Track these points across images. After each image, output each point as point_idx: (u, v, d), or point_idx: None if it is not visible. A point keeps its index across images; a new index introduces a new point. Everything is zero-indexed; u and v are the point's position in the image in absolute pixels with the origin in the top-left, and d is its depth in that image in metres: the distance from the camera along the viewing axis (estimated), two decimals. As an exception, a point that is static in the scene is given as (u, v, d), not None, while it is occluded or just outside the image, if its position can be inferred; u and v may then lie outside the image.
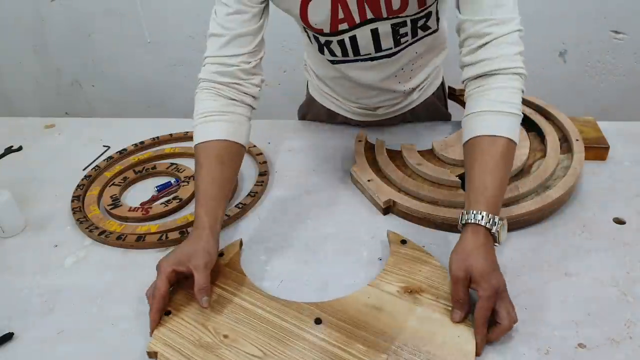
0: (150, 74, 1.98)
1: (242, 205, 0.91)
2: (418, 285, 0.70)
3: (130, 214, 0.91)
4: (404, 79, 0.99)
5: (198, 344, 0.64)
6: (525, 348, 0.63)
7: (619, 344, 0.63)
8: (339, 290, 0.72)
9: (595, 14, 1.61)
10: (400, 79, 0.98)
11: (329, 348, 0.62)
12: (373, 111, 1.08)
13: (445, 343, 0.62)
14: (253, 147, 1.09)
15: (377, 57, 0.90)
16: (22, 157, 1.15)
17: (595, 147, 0.96)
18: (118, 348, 0.67)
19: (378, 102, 1.04)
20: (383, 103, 1.05)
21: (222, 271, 0.75)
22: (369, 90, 1.00)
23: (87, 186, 1.00)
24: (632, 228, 0.81)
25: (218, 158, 0.78)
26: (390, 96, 1.03)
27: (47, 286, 0.78)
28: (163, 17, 1.83)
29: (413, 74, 1.00)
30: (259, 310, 0.68)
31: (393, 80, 0.98)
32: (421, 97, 1.09)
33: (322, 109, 1.15)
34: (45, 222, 0.92)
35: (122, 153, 1.10)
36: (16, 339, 0.69)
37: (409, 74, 0.98)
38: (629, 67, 1.70)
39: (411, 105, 1.09)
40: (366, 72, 0.94)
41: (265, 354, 0.62)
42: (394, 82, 0.98)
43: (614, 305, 0.68)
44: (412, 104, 1.09)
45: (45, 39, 1.97)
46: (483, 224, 0.67)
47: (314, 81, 1.12)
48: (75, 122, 1.29)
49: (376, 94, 1.02)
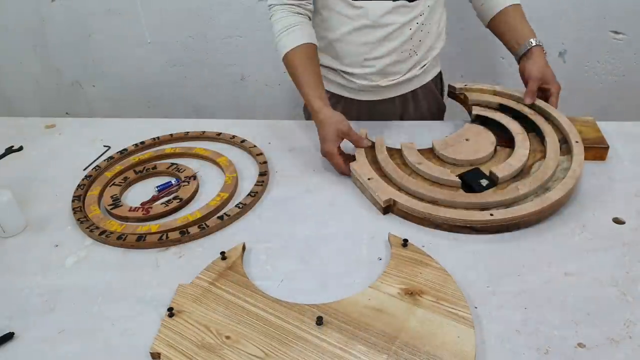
0: (150, 74, 1.98)
1: (242, 205, 0.91)
2: (419, 287, 0.71)
3: (131, 214, 0.91)
4: (415, 37, 1.08)
5: (200, 345, 0.64)
6: (525, 348, 0.63)
7: (618, 344, 0.63)
8: (339, 290, 0.73)
9: (595, 14, 1.61)
10: (412, 35, 1.08)
11: (330, 349, 0.63)
12: (378, 79, 1.12)
13: (445, 344, 0.62)
14: (253, 147, 1.09)
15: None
16: (22, 157, 1.15)
17: (594, 147, 0.96)
18: (118, 348, 0.67)
19: (385, 63, 1.10)
20: (391, 67, 1.10)
21: (225, 274, 0.75)
22: (383, 41, 1.07)
23: (87, 186, 1.00)
24: (631, 228, 0.81)
25: (309, 56, 1.02)
26: (398, 57, 1.09)
27: (48, 286, 0.78)
28: (163, 17, 1.83)
29: (422, 38, 1.10)
30: (261, 312, 0.69)
31: (407, 33, 1.07)
32: (422, 77, 1.17)
33: None
34: (45, 222, 0.92)
35: (123, 153, 1.10)
36: (17, 339, 0.69)
37: (419, 35, 1.09)
38: (629, 67, 1.70)
39: (412, 85, 1.16)
40: (386, 13, 1.04)
41: (267, 355, 0.63)
42: (407, 35, 1.07)
43: (613, 305, 0.68)
44: (413, 81, 1.16)
45: (45, 39, 1.97)
46: (541, 44, 1.05)
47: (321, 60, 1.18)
48: (76, 122, 1.29)
49: (386, 51, 1.08)
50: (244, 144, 1.11)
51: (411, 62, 1.12)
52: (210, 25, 1.82)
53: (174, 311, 0.69)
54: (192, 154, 1.09)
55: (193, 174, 1.01)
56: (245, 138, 1.12)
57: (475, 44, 1.67)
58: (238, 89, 1.97)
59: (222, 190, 0.95)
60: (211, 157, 1.06)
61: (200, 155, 1.08)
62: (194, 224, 0.87)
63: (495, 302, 0.70)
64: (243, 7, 1.75)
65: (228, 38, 1.84)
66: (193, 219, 0.88)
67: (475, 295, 0.71)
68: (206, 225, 0.86)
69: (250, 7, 1.73)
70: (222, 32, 1.83)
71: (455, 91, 1.14)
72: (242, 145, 1.11)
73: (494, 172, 0.89)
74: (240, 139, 1.12)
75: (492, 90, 1.11)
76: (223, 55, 1.88)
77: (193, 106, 2.05)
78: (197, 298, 0.71)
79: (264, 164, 1.02)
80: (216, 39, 1.85)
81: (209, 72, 1.93)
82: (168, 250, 0.83)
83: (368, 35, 1.07)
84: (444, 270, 0.73)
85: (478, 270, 0.75)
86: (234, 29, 1.81)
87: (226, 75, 1.93)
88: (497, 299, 0.70)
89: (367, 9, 1.03)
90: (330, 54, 1.14)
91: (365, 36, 1.07)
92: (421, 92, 1.20)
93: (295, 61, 1.01)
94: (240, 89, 1.97)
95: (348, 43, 1.09)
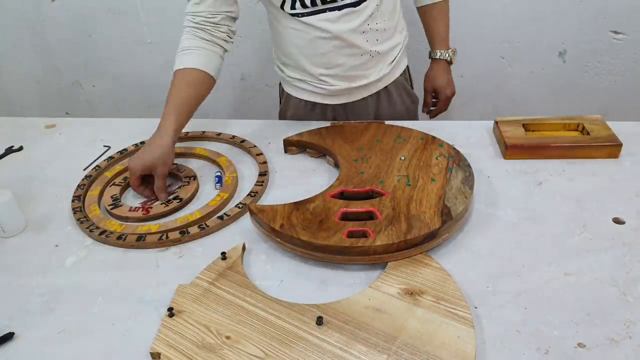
0: (150, 74, 1.98)
1: (242, 205, 0.91)
2: (418, 287, 0.71)
3: (131, 214, 0.91)
4: (371, 39, 1.07)
5: (201, 345, 0.64)
6: (525, 348, 0.63)
7: (618, 344, 0.63)
8: (339, 290, 0.73)
9: (595, 14, 1.61)
10: (367, 37, 1.06)
11: (330, 349, 0.63)
12: (347, 84, 1.12)
13: (445, 344, 0.62)
14: (253, 147, 1.09)
15: (343, 6, 1.01)
16: (22, 157, 1.15)
17: (607, 146, 0.97)
18: (118, 348, 0.67)
19: (348, 68, 1.10)
20: (354, 71, 1.10)
21: (225, 274, 0.75)
22: (340, 49, 1.06)
23: (87, 186, 1.00)
24: (631, 228, 0.81)
25: (188, 81, 0.98)
26: (359, 60, 1.09)
27: (48, 286, 0.78)
28: (163, 17, 1.83)
29: (379, 37, 1.08)
30: (261, 312, 0.69)
31: (361, 37, 1.06)
32: (391, 74, 1.18)
33: (299, 103, 1.21)
34: (45, 222, 0.92)
35: (123, 153, 1.10)
36: (17, 339, 0.69)
37: (374, 34, 1.07)
38: (629, 67, 1.70)
39: (382, 83, 1.17)
40: (333, 23, 1.02)
41: (267, 355, 0.63)
42: (362, 39, 1.06)
43: (613, 305, 0.68)
44: (384, 80, 1.16)
45: (45, 39, 1.97)
46: (444, 57, 1.22)
47: (285, 73, 1.18)
48: (76, 122, 1.29)
49: (346, 55, 1.07)
50: (244, 144, 1.11)
51: (374, 62, 1.11)
52: (210, 25, 1.81)
53: (174, 311, 0.69)
54: (192, 154, 1.09)
55: (193, 174, 1.01)
56: (245, 138, 1.13)
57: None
58: (238, 89, 1.97)
59: (222, 190, 0.95)
60: (211, 157, 1.06)
61: (200, 155, 1.08)
62: (194, 224, 0.87)
63: (495, 302, 0.70)
64: (243, 7, 1.75)
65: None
66: (193, 219, 0.88)
67: (475, 295, 0.71)
68: (206, 225, 0.86)
69: (250, 7, 1.72)
70: (222, 32, 1.83)
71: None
72: (242, 145, 1.11)
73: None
74: (240, 139, 1.12)
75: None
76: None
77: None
78: (197, 298, 0.71)
79: (264, 164, 1.02)
80: (216, 39, 1.84)
81: (209, 72, 1.93)
82: (168, 250, 0.83)
83: (324, 45, 1.05)
84: (444, 270, 0.73)
85: (478, 270, 0.75)
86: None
87: (226, 75, 1.93)
88: (497, 299, 0.70)
89: (314, 21, 1.02)
90: (294, 65, 1.14)
91: (322, 47, 1.06)
92: (393, 87, 1.20)
93: (174, 82, 0.98)
94: (240, 89, 1.97)
95: (307, 55, 1.09)
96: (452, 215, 0.78)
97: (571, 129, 1.06)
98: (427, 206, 0.81)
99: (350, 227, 0.77)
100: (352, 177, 0.91)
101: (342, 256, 0.75)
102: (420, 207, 0.81)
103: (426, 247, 0.77)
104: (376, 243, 0.74)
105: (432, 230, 0.76)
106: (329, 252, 0.76)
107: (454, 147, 0.97)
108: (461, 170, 0.90)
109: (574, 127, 1.05)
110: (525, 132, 1.03)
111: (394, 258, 0.75)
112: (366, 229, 0.77)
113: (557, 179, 0.94)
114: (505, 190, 0.92)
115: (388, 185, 0.87)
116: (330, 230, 0.77)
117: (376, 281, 0.72)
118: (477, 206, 0.88)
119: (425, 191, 0.85)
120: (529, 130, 1.05)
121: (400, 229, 0.76)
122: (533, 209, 0.87)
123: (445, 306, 0.67)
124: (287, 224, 0.79)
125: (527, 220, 0.84)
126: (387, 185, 0.87)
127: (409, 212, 0.80)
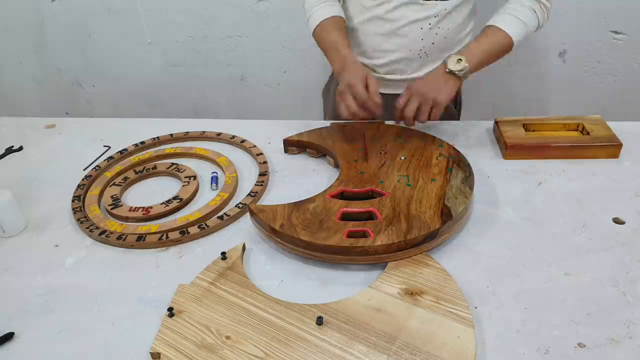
0: (150, 74, 1.98)
1: (242, 205, 0.91)
2: (418, 287, 0.71)
3: (131, 214, 0.91)
4: (427, 40, 1.10)
5: (201, 345, 0.64)
6: (525, 348, 0.63)
7: (618, 344, 0.63)
8: (339, 290, 0.73)
9: (595, 14, 1.61)
10: (423, 36, 1.10)
11: (330, 349, 0.63)
12: (383, 72, 1.16)
13: (445, 344, 0.62)
14: (253, 147, 1.09)
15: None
16: (22, 157, 1.15)
17: (607, 146, 0.97)
18: (118, 348, 0.67)
19: (392, 59, 1.13)
20: (397, 64, 1.14)
21: (225, 274, 0.75)
22: (390, 36, 1.11)
23: (87, 186, 1.00)
24: (631, 228, 0.81)
25: (337, 26, 1.09)
26: (406, 54, 1.12)
27: (48, 286, 0.78)
28: (163, 17, 1.83)
29: (437, 40, 1.11)
30: (261, 312, 0.69)
31: (416, 34, 1.09)
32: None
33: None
34: (45, 222, 0.92)
35: (123, 153, 1.10)
36: (16, 339, 0.69)
37: (432, 37, 1.10)
38: (629, 67, 1.70)
39: None
40: (397, 8, 1.07)
41: (267, 355, 0.62)
42: (416, 36, 1.09)
43: (613, 305, 0.68)
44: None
45: (45, 39, 1.97)
46: (445, 61, 1.00)
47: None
48: (76, 122, 1.29)
49: (394, 46, 1.12)
50: (244, 144, 1.11)
51: (420, 63, 1.13)
52: (210, 25, 1.82)
53: (174, 311, 0.69)
54: (192, 154, 1.09)
55: (193, 174, 1.01)
56: (245, 138, 1.13)
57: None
58: (238, 89, 1.97)
59: (222, 190, 0.95)
60: (211, 157, 1.06)
61: (200, 155, 1.08)
62: (194, 224, 0.87)
63: (495, 302, 0.70)
64: (243, 7, 1.75)
65: (228, 38, 1.84)
66: (193, 219, 0.88)
67: (475, 295, 0.71)
68: (206, 225, 0.86)
69: (250, 7, 1.73)
70: (222, 32, 1.83)
71: None
72: (242, 145, 1.11)
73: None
74: (240, 139, 1.12)
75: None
76: (223, 55, 1.88)
77: (193, 106, 2.05)
78: (197, 298, 0.71)
79: (264, 164, 1.02)
80: (216, 39, 1.85)
81: (209, 72, 1.94)
82: (168, 250, 0.83)
83: (379, 27, 1.11)
84: (444, 270, 0.73)
85: (478, 270, 0.75)
86: (234, 29, 1.81)
87: (226, 75, 1.94)
88: (497, 299, 0.70)
89: (382, 0, 1.08)
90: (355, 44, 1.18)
91: (377, 27, 1.11)
92: None
93: (327, 28, 1.08)
94: (240, 89, 1.97)
95: (361, 32, 1.14)
96: (452, 215, 0.79)
97: (571, 129, 1.06)
98: (427, 206, 0.81)
99: (350, 227, 0.78)
100: (352, 177, 0.91)
101: (342, 256, 0.75)
102: (420, 207, 0.81)
103: (426, 247, 0.77)
104: (376, 243, 0.74)
105: (432, 230, 0.76)
106: (329, 252, 0.76)
107: (454, 147, 0.97)
108: (461, 170, 0.90)
109: (574, 127, 1.05)
110: (525, 132, 1.03)
111: (394, 258, 0.75)
112: (366, 229, 0.77)
113: (557, 179, 0.94)
114: (505, 190, 0.92)
115: (388, 185, 0.87)
116: (330, 231, 0.77)
117: (376, 281, 0.72)
118: (477, 206, 0.88)
119: (425, 191, 0.85)
120: (529, 130, 1.06)
121: (400, 229, 0.76)
122: (533, 209, 0.87)
123: (446, 306, 0.67)
124: (287, 224, 0.79)
125: (527, 220, 0.84)
126: (387, 185, 0.87)
127: (409, 212, 0.80)
